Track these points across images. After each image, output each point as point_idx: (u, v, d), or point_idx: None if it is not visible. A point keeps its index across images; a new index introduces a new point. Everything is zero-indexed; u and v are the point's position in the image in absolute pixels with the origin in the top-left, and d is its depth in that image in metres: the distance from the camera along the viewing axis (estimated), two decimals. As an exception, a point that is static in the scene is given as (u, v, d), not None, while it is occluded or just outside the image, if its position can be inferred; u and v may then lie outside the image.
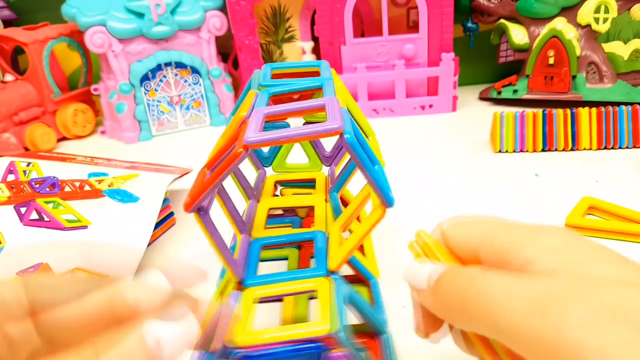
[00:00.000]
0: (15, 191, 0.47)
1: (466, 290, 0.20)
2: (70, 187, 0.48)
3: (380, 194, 0.25)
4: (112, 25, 0.68)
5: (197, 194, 0.26)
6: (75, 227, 0.43)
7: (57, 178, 0.49)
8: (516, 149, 0.57)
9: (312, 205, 0.36)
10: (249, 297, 0.27)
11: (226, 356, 0.24)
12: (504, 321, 0.18)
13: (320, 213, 0.35)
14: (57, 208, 0.45)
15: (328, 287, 0.27)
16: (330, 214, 0.35)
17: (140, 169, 0.52)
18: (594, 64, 0.68)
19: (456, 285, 0.20)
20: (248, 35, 0.72)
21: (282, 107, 0.28)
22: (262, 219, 0.35)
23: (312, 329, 0.24)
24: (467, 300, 0.19)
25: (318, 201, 0.36)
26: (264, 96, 0.30)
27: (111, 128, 0.76)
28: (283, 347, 0.24)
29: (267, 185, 0.40)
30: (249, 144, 0.24)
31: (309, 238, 0.32)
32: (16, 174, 0.50)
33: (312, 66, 0.36)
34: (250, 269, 0.29)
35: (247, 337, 0.24)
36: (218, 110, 0.78)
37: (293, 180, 0.41)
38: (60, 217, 0.44)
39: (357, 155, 0.25)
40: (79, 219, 0.44)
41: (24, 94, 0.72)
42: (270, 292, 0.27)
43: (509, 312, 0.18)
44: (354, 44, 0.71)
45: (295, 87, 0.32)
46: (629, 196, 0.46)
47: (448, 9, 0.68)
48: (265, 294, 0.27)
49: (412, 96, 0.73)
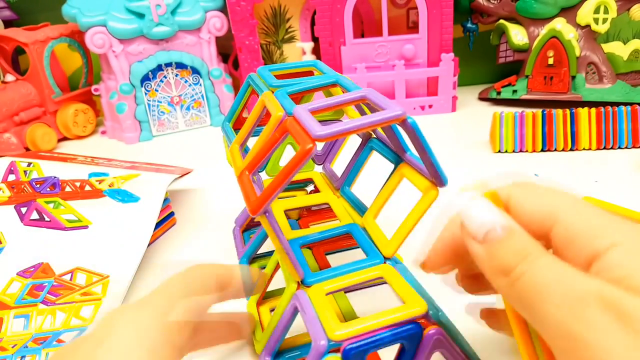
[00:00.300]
0: (15, 191, 0.47)
1: (523, 264, 0.18)
2: (71, 187, 0.48)
3: (437, 174, 0.27)
4: (113, 25, 0.68)
5: (266, 196, 0.25)
6: (75, 227, 0.44)
7: (57, 178, 0.49)
8: (516, 149, 0.57)
9: (325, 202, 0.37)
10: (319, 293, 0.27)
11: (334, 349, 0.24)
12: (548, 315, 0.17)
13: (339, 208, 0.35)
14: (58, 208, 0.45)
15: (394, 272, 0.27)
16: (349, 207, 0.35)
17: (141, 169, 0.52)
18: (594, 64, 0.68)
19: (514, 253, 0.19)
20: (248, 36, 0.73)
21: (324, 102, 0.27)
22: (283, 221, 0.35)
23: (407, 311, 0.24)
24: (520, 276, 0.18)
25: (330, 198, 0.37)
26: (284, 96, 0.29)
27: (112, 128, 0.76)
28: (381, 333, 0.24)
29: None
30: (319, 137, 0.23)
31: (346, 231, 0.32)
32: (17, 174, 0.50)
33: (305, 66, 0.36)
34: (305, 268, 0.29)
35: (346, 329, 0.24)
36: (218, 110, 0.78)
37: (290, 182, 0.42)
38: (61, 217, 0.44)
39: (420, 138, 0.26)
40: (80, 218, 0.44)
41: (24, 94, 0.72)
42: (337, 285, 0.27)
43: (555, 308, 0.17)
44: (354, 44, 0.71)
45: (310, 85, 0.31)
46: (628, 196, 0.46)
47: (448, 10, 0.68)
48: (333, 288, 0.27)
49: (411, 96, 0.73)
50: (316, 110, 0.26)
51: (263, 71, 0.34)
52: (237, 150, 0.32)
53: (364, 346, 0.23)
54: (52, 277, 0.40)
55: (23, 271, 0.40)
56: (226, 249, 0.42)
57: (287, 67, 0.36)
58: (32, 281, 0.39)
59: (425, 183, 0.27)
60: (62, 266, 0.41)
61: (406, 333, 0.24)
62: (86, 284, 0.39)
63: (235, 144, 0.32)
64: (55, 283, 0.39)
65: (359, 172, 0.37)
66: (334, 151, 0.41)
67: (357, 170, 0.36)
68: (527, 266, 0.18)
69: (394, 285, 0.26)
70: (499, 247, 0.19)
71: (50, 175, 0.50)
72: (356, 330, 0.24)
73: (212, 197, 0.53)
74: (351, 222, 0.33)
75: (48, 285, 0.39)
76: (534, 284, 0.18)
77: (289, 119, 0.26)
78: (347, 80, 0.31)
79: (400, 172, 0.30)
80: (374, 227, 0.31)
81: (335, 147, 0.41)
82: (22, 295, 0.38)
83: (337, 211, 0.35)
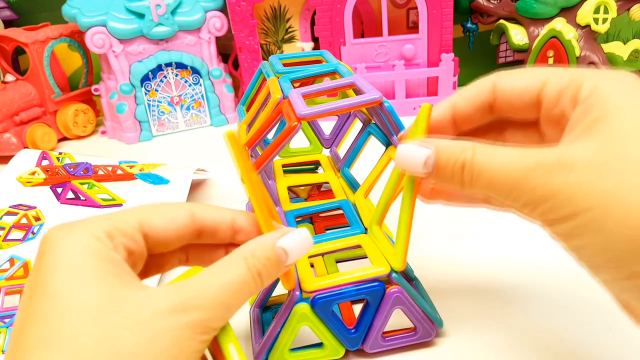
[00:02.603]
0: (50, 174, 0.50)
1: (464, 168, 0.21)
2: (104, 171, 0.51)
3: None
4: (113, 25, 0.68)
5: (257, 165, 0.29)
6: (110, 205, 0.46)
7: (90, 163, 0.52)
8: (516, 149, 0.57)
9: (326, 181, 0.41)
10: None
11: (300, 300, 0.28)
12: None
13: (337, 186, 0.39)
14: (92, 188, 0.48)
15: (369, 241, 0.31)
16: (346, 186, 0.39)
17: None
18: (594, 64, 0.68)
19: (452, 165, 0.22)
20: (248, 36, 0.73)
21: (316, 87, 0.31)
22: (285, 196, 0.39)
23: (371, 270, 0.28)
24: (468, 176, 0.21)
25: (330, 177, 0.41)
26: (286, 81, 0.33)
27: (112, 128, 0.76)
28: (346, 287, 0.28)
29: (276, 168, 0.44)
30: (303, 116, 0.27)
31: (337, 206, 0.36)
32: (50, 161, 0.53)
33: (314, 55, 0.39)
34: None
35: (317, 283, 0.28)
36: (218, 110, 0.78)
37: (297, 164, 0.46)
38: (96, 196, 0.47)
39: (395, 119, 0.29)
40: (114, 197, 0.47)
41: (24, 94, 0.72)
42: (320, 250, 0.31)
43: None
44: (354, 44, 0.71)
45: (311, 72, 0.35)
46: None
47: (448, 10, 0.68)
48: (316, 251, 0.31)
49: (412, 96, 0.73)
50: (308, 94, 0.30)
51: (273, 59, 0.38)
52: (243, 129, 0.36)
53: (329, 297, 0.28)
54: None
55: None
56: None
57: (297, 56, 0.40)
58: None
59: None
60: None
61: (368, 289, 0.28)
62: None
63: (243, 123, 0.36)
64: None
65: (357, 154, 0.40)
66: (341, 136, 0.45)
67: (355, 153, 0.40)
68: (470, 153, 0.21)
69: (369, 251, 0.30)
70: (438, 167, 0.22)
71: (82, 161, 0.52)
72: (325, 284, 0.28)
73: (213, 198, 0.53)
74: (344, 199, 0.37)
75: None
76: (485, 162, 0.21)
77: (285, 100, 0.30)
78: (344, 69, 0.34)
79: (387, 154, 0.33)
80: (362, 203, 0.35)
81: (341, 132, 0.44)
82: None
83: (335, 189, 0.39)
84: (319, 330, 0.29)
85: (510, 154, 0.20)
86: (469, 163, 0.21)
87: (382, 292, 0.28)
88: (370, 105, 0.28)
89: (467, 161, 0.21)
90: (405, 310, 0.29)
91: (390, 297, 0.28)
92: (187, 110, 0.77)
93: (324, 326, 0.29)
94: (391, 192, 0.30)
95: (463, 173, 0.21)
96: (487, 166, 0.21)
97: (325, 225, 0.42)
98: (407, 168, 0.23)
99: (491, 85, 0.24)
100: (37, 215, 0.45)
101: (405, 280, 0.29)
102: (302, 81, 0.35)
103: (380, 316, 0.29)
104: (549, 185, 0.19)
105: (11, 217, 0.45)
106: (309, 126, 0.46)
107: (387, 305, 0.29)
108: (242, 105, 0.41)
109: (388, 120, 0.29)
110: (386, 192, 0.30)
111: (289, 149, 0.47)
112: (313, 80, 0.37)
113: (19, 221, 0.45)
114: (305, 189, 0.45)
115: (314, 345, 0.30)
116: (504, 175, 0.20)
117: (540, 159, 0.19)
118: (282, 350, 0.29)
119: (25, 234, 0.44)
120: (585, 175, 0.18)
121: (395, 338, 0.30)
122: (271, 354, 0.29)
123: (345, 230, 0.33)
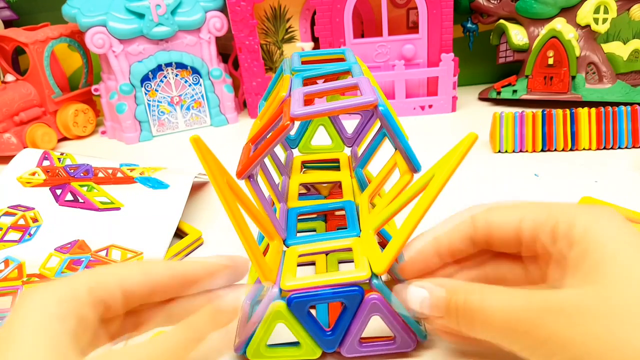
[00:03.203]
0: (50, 175, 0.50)
1: (464, 314, 0.22)
2: (104, 174, 0.51)
3: (408, 159, 0.29)
4: (113, 25, 0.68)
5: (249, 162, 0.29)
6: (108, 208, 0.46)
7: (90, 165, 0.52)
8: (516, 149, 0.57)
9: (339, 180, 0.41)
10: (293, 253, 0.31)
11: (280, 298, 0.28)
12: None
13: (347, 186, 0.39)
14: (91, 191, 0.48)
15: (361, 245, 0.31)
16: (357, 187, 0.39)
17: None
18: (594, 64, 0.68)
19: (446, 307, 0.23)
20: (248, 36, 0.73)
21: (319, 87, 0.31)
22: (295, 192, 0.39)
23: (351, 275, 0.28)
24: (463, 319, 0.22)
25: (344, 177, 0.41)
26: (298, 79, 0.33)
27: (112, 128, 0.76)
28: (324, 289, 0.28)
29: (295, 165, 0.44)
30: (296, 116, 0.27)
31: (340, 207, 0.36)
32: (51, 161, 0.53)
33: (337, 53, 0.39)
34: (291, 231, 0.33)
35: (295, 282, 0.28)
36: (218, 110, 0.78)
37: (317, 161, 0.46)
38: (94, 199, 0.47)
39: (390, 123, 0.28)
40: (112, 201, 0.47)
41: (24, 94, 0.72)
42: (310, 249, 0.31)
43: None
44: (354, 44, 0.71)
45: (325, 71, 0.35)
46: (628, 196, 0.46)
47: (448, 10, 0.68)
48: (306, 250, 0.31)
49: (411, 96, 0.73)
50: (311, 94, 0.30)
51: (294, 56, 0.38)
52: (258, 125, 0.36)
53: (305, 297, 0.27)
54: (88, 253, 0.42)
55: (60, 247, 0.42)
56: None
57: (320, 53, 0.40)
58: (70, 256, 0.41)
59: (404, 167, 0.30)
60: (97, 243, 0.43)
61: (346, 293, 0.28)
62: (121, 259, 0.41)
63: (258, 119, 0.36)
64: (92, 258, 0.41)
65: (372, 155, 0.40)
66: (362, 135, 0.45)
67: (370, 153, 0.40)
68: (462, 296, 0.22)
69: (355, 255, 0.30)
70: (431, 305, 0.23)
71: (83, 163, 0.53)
72: (303, 284, 0.27)
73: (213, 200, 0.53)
74: (350, 200, 0.37)
75: (85, 260, 0.41)
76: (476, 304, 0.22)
77: (288, 99, 0.30)
78: (357, 69, 0.34)
79: (394, 157, 0.33)
80: (364, 206, 0.34)
81: (364, 131, 0.44)
82: (62, 269, 0.40)
83: (345, 189, 0.39)
84: (295, 329, 0.29)
85: (508, 296, 0.21)
86: (462, 306, 0.22)
87: (360, 298, 0.28)
88: (365, 109, 0.28)
89: (460, 304, 0.22)
90: (383, 318, 0.29)
91: (367, 304, 0.28)
92: (187, 110, 0.77)
93: (300, 326, 0.29)
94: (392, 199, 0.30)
95: (457, 315, 0.22)
96: (483, 309, 0.22)
97: (337, 224, 0.42)
98: (407, 307, 0.24)
99: (470, 220, 0.25)
100: (35, 216, 0.45)
101: (387, 288, 0.28)
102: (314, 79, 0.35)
103: (357, 321, 0.29)
104: (563, 332, 0.19)
105: (9, 217, 0.45)
106: (332, 124, 0.45)
107: (365, 311, 0.28)
108: (264, 101, 0.41)
109: (383, 124, 0.29)
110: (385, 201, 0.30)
111: (310, 145, 0.46)
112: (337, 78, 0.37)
113: (16, 222, 0.45)
114: (327, 187, 0.45)
115: (292, 344, 0.30)
116: (505, 317, 0.21)
117: (546, 303, 0.20)
118: (258, 345, 0.29)
119: (22, 236, 0.44)
120: (593, 325, 0.19)
121: (373, 345, 0.30)
122: (248, 347, 0.29)
123: (340, 232, 0.33)
